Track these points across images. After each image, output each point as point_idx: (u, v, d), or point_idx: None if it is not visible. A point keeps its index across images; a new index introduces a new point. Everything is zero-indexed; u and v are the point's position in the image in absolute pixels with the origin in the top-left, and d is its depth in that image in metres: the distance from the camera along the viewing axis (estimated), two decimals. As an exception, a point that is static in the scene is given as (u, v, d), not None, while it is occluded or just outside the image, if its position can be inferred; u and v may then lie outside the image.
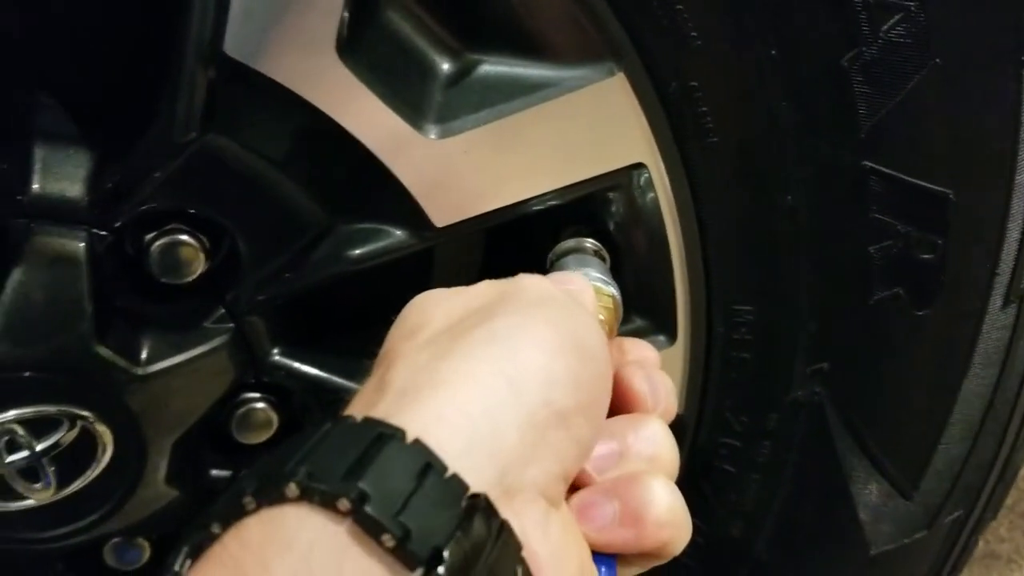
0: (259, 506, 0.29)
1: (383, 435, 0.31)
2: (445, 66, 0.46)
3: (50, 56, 0.46)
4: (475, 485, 0.31)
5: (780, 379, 0.53)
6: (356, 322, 0.57)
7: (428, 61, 0.46)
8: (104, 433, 0.50)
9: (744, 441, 0.56)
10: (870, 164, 0.46)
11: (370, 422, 0.31)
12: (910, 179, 0.47)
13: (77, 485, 0.51)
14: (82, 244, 0.48)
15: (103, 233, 0.48)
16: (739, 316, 0.52)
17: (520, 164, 0.47)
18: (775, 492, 0.57)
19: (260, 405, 0.56)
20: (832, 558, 0.58)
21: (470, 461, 0.31)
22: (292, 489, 0.29)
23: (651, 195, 0.49)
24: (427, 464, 0.30)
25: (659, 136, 0.47)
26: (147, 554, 0.60)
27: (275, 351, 0.54)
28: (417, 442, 0.31)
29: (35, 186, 0.47)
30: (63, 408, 0.49)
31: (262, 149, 0.46)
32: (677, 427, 0.56)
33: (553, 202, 0.48)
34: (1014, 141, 0.46)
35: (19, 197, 0.47)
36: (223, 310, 0.52)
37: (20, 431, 0.49)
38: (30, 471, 0.50)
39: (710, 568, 0.60)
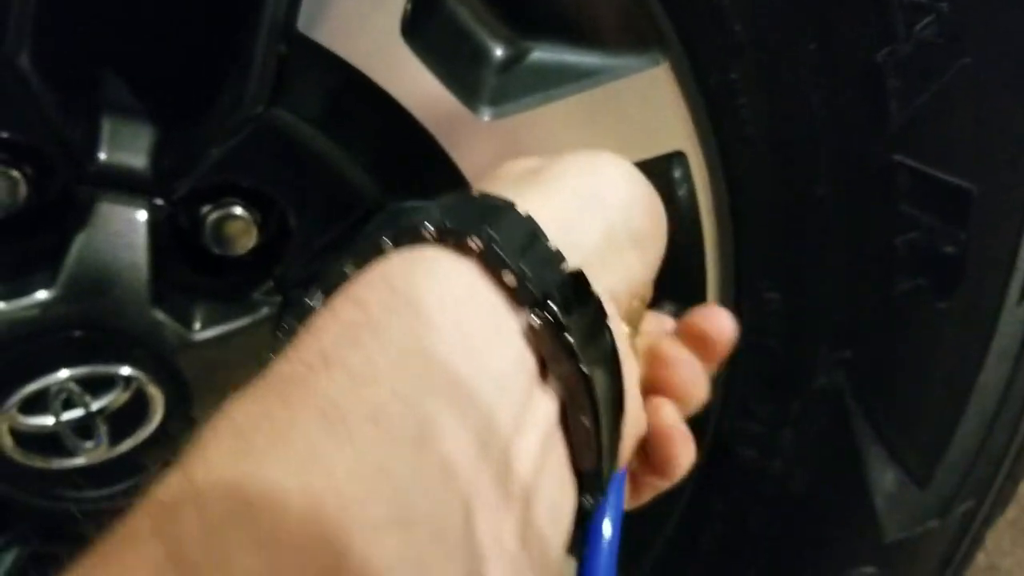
0: (397, 246, 0.33)
1: (498, 205, 0.35)
2: (499, 52, 0.49)
3: (122, 29, 0.49)
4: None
5: (804, 367, 0.55)
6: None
7: (483, 46, 0.48)
8: (156, 396, 0.52)
9: (766, 427, 0.58)
10: (899, 158, 0.49)
11: (486, 195, 0.36)
12: (936, 173, 0.49)
13: (127, 446, 0.53)
14: (143, 213, 0.50)
15: (163, 204, 0.50)
16: (767, 304, 0.54)
17: (566, 148, 0.49)
18: (794, 479, 0.59)
19: (300, 378, 0.58)
20: (847, 544, 0.60)
21: (559, 246, 0.35)
22: (428, 229, 0.33)
23: (687, 183, 0.51)
24: (534, 232, 0.35)
25: (699, 125, 0.49)
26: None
27: (319, 325, 0.56)
28: (528, 216, 0.35)
29: (101, 155, 0.50)
30: (118, 368, 0.51)
31: (323, 126, 0.48)
32: (701, 412, 0.58)
33: (595, 186, 0.51)
34: (1036, 140, 0.49)
35: (86, 165, 0.49)
36: (272, 283, 0.54)
37: (76, 389, 0.51)
38: (83, 429, 0.52)
39: (728, 552, 0.62)
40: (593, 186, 0.39)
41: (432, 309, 0.32)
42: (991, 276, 0.52)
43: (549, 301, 0.33)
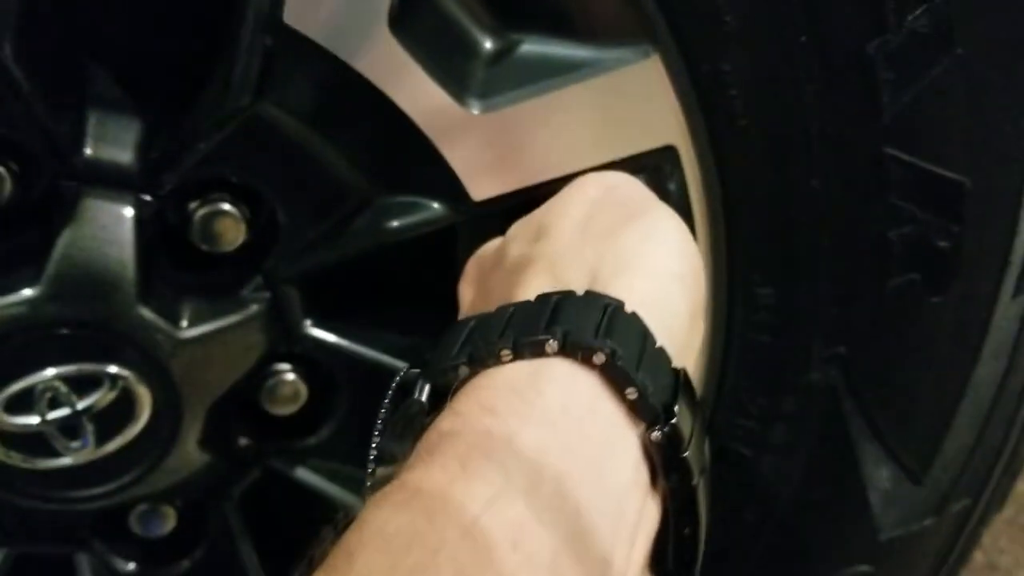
0: (516, 358, 0.34)
1: (608, 305, 0.35)
2: (488, 44, 0.48)
3: (106, 22, 0.48)
4: None
5: (797, 362, 0.55)
6: (386, 296, 0.58)
7: (472, 39, 0.48)
8: (143, 394, 0.51)
9: (760, 423, 0.57)
10: (891, 151, 0.48)
11: (593, 294, 0.36)
12: (929, 166, 0.49)
13: (114, 445, 0.52)
14: (130, 209, 0.49)
15: (150, 199, 0.50)
16: (760, 299, 0.54)
17: (557, 142, 0.49)
18: (788, 475, 0.58)
19: (290, 377, 0.57)
20: (842, 542, 0.60)
21: (658, 336, 0.36)
22: (552, 345, 0.34)
23: (679, 177, 0.51)
24: (645, 334, 0.35)
25: (690, 119, 0.49)
26: (171, 524, 0.61)
27: (308, 322, 0.55)
28: (635, 314, 0.35)
29: (87, 150, 0.49)
30: (105, 367, 0.50)
31: (310, 119, 0.48)
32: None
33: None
34: (1029, 132, 0.48)
35: (72, 160, 0.49)
36: (260, 279, 0.54)
37: (62, 388, 0.50)
38: (69, 429, 0.51)
39: (722, 550, 0.61)
40: (672, 263, 0.40)
41: (561, 424, 0.33)
42: (985, 270, 0.52)
43: (671, 420, 0.33)
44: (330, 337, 0.56)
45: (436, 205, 0.51)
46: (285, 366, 0.57)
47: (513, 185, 0.49)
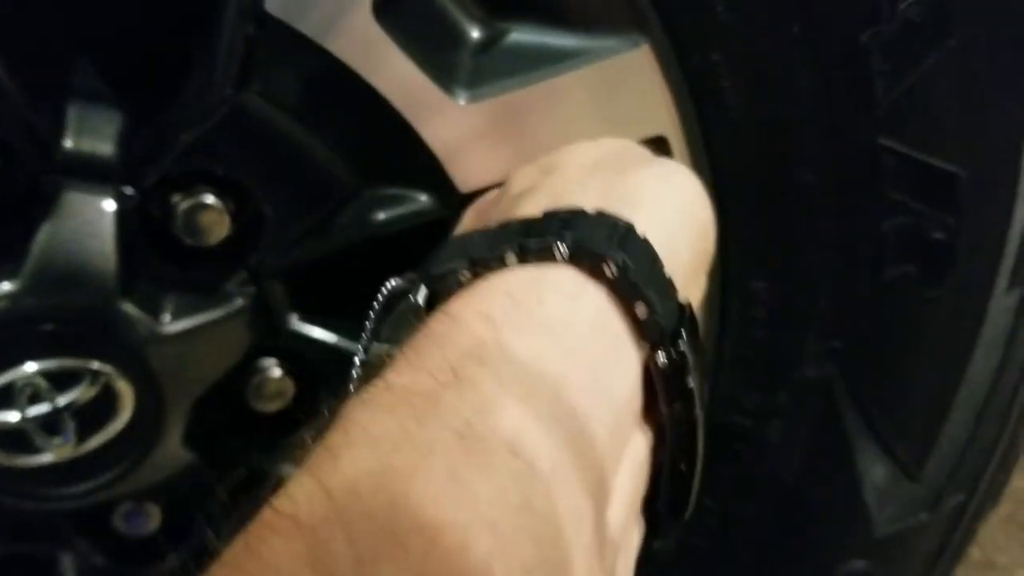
0: (522, 263, 0.32)
1: (620, 223, 0.33)
2: (475, 33, 0.47)
3: (87, 13, 0.47)
4: None
5: (792, 357, 0.54)
6: (374, 290, 0.57)
7: (459, 27, 0.47)
8: (125, 390, 0.50)
9: (754, 419, 0.57)
10: (886, 142, 0.48)
11: (605, 215, 0.34)
12: (923, 158, 0.48)
13: (96, 442, 0.51)
14: (111, 202, 0.48)
15: (132, 192, 0.49)
16: (753, 293, 0.53)
17: (545, 132, 0.48)
18: (784, 471, 0.58)
19: (276, 373, 0.56)
20: (837, 538, 0.59)
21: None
22: (561, 250, 0.32)
23: (670, 169, 0.50)
24: (654, 258, 0.33)
25: (681, 109, 0.48)
26: (156, 522, 0.61)
27: (294, 317, 0.55)
28: (646, 238, 0.34)
29: (68, 143, 0.48)
30: (86, 362, 0.49)
31: (294, 110, 0.47)
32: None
33: (575, 172, 0.49)
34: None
35: (52, 153, 0.48)
36: (245, 273, 0.53)
37: (43, 384, 0.49)
38: (50, 425, 0.50)
39: (718, 547, 0.60)
40: (683, 206, 0.39)
41: (561, 334, 0.31)
42: (980, 262, 0.51)
43: (679, 340, 0.32)
44: (317, 332, 0.55)
45: (423, 197, 0.50)
46: (271, 362, 0.56)
47: (501, 176, 0.48)
